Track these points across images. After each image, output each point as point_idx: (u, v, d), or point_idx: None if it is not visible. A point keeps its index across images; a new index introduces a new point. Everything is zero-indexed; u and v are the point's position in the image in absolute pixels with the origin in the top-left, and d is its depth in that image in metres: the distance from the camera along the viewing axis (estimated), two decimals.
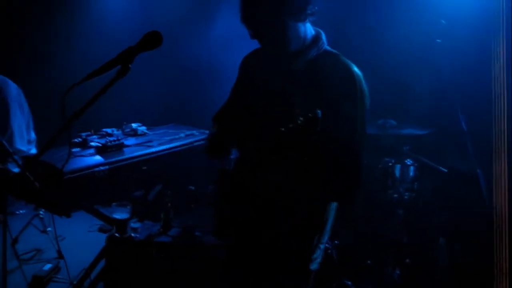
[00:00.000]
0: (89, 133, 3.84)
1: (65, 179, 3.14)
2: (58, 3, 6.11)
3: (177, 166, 3.74)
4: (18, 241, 4.66)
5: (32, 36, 6.04)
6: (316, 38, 2.16)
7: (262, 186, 2.04)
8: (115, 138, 3.73)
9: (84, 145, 3.69)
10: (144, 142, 3.86)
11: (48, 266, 4.11)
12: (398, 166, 4.04)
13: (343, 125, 1.97)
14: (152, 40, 1.81)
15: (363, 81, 2.05)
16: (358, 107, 2.02)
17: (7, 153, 3.02)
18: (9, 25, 5.90)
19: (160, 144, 3.78)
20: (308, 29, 2.15)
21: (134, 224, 3.45)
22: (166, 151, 3.73)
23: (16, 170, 3.62)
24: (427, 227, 4.14)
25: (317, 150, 1.94)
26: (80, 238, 4.98)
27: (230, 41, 5.20)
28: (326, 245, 2.48)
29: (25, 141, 4.04)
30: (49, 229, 4.80)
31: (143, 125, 4.20)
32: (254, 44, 2.38)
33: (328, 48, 2.17)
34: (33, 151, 4.29)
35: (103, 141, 3.65)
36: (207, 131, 4.10)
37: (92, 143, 3.69)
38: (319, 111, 1.73)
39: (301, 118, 1.75)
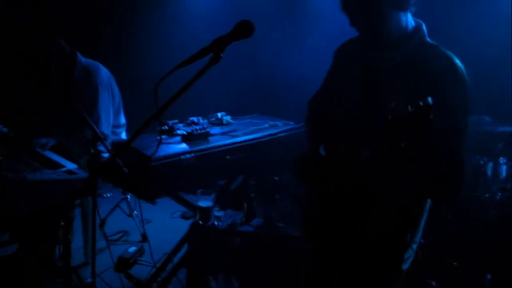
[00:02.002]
0: (175, 121, 3.89)
1: (152, 166, 3.19)
2: None
3: (261, 156, 3.72)
4: (106, 222, 4.83)
5: (125, 23, 6.24)
6: (417, 29, 2.09)
7: (356, 179, 1.98)
8: (201, 127, 3.76)
9: (171, 132, 3.74)
10: (229, 131, 3.85)
11: (133, 249, 4.21)
12: (490, 165, 3.86)
13: (447, 119, 1.86)
14: (244, 29, 1.79)
15: (466, 74, 1.96)
16: (462, 101, 1.93)
17: (98, 137, 3.11)
18: (104, 12, 6.11)
19: (244, 134, 3.77)
20: (409, 19, 2.09)
21: (217, 212, 3.48)
22: (251, 141, 3.71)
23: (106, 154, 3.74)
24: None
25: (420, 142, 1.85)
26: (164, 223, 5.10)
27: (316, 33, 5.17)
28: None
29: (111, 126, 4.15)
30: (135, 212, 4.94)
31: (228, 114, 4.21)
32: (336, 38, 2.37)
33: (429, 40, 2.09)
34: (123, 135, 4.42)
35: (189, 129, 3.68)
36: (291, 122, 4.08)
37: (179, 131, 3.73)
38: (429, 99, 1.65)
39: (410, 107, 1.67)
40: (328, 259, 2.32)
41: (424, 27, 2.11)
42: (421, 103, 1.66)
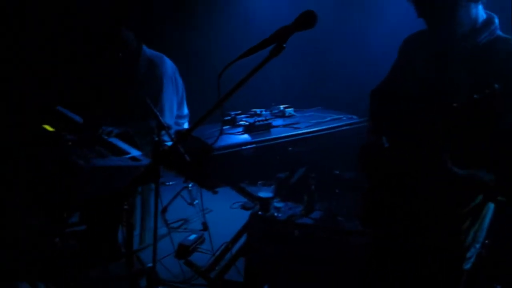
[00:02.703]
0: (238, 112, 3.91)
1: (213, 155, 3.22)
2: None
3: (322, 149, 3.69)
4: (168, 210, 4.94)
5: (189, 17, 6.34)
6: (488, 22, 2.00)
7: (418, 174, 1.94)
8: (263, 118, 3.77)
9: (233, 123, 3.77)
10: (291, 123, 3.84)
11: (193, 236, 4.29)
12: None
13: None
14: (307, 19, 1.77)
15: None
16: None
17: (162, 127, 3.17)
18: (169, 5, 6.23)
19: (307, 127, 3.75)
20: (480, 11, 2.01)
21: (277, 203, 3.48)
22: (313, 134, 3.69)
23: (169, 143, 3.81)
24: None
25: (488, 133, 1.78)
26: (224, 213, 5.16)
27: (382, 25, 5.07)
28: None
29: (174, 117, 4.21)
30: (196, 201, 5.02)
31: (291, 107, 4.20)
32: (402, 30, 2.31)
33: (501, 33, 2.01)
34: (186, 126, 4.48)
35: (251, 120, 3.70)
36: (355, 117, 4.02)
37: (241, 122, 3.75)
38: (496, 85, 1.59)
39: (476, 95, 1.62)
40: (387, 253, 2.28)
41: (496, 19, 2.03)
42: (487, 90, 1.61)
